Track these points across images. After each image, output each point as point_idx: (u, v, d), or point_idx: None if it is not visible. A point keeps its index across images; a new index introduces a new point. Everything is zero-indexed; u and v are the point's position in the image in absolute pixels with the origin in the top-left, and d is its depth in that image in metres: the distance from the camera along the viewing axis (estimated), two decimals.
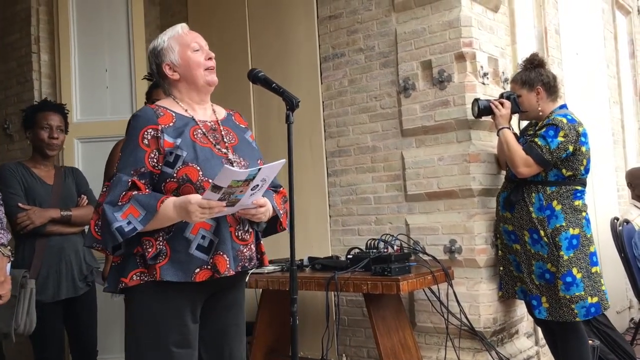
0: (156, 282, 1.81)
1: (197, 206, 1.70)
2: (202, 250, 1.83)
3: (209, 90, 2.03)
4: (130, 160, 1.83)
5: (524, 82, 3.10)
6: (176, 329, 1.85)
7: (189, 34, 2.01)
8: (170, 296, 1.84)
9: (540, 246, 2.95)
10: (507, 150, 3.02)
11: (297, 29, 4.01)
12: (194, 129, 1.91)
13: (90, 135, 4.03)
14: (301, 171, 3.78)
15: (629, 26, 6.28)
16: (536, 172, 2.94)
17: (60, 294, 2.96)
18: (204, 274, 1.83)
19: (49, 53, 4.29)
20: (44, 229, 2.93)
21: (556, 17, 4.55)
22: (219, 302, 2.00)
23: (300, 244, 2.10)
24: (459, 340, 3.19)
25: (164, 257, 1.81)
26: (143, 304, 1.85)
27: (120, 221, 1.73)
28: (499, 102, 3.10)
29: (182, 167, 1.82)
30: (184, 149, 1.83)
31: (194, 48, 1.97)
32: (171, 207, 1.74)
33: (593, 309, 2.90)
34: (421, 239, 3.40)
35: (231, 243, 1.88)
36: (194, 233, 1.83)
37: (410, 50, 3.49)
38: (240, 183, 1.69)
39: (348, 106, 3.78)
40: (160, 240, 1.82)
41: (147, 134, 1.84)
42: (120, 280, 1.85)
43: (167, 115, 1.90)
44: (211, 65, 1.99)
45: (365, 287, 2.85)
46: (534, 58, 3.14)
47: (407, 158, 3.50)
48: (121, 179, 1.81)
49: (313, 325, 3.65)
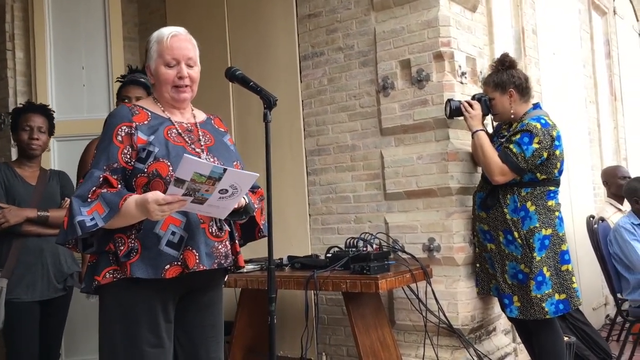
0: (127, 279, 1.81)
1: (155, 204, 1.70)
2: (172, 247, 1.83)
3: (179, 105, 2.00)
4: (104, 156, 1.85)
5: (496, 85, 3.09)
6: (147, 327, 1.84)
7: (172, 45, 1.94)
8: (141, 293, 1.83)
9: (514, 247, 2.98)
10: (482, 156, 3.03)
11: (276, 27, 4.00)
12: (169, 128, 1.93)
13: (67, 134, 3.98)
14: (280, 170, 3.77)
15: (604, 27, 6.37)
16: (512, 178, 2.96)
17: (35, 294, 2.93)
18: (174, 270, 1.83)
19: (24, 50, 4.22)
20: (20, 229, 2.89)
21: (533, 17, 4.60)
22: (194, 301, 1.99)
23: (279, 242, 2.10)
24: (437, 337, 3.21)
25: (135, 254, 1.82)
26: (114, 301, 1.86)
27: (84, 216, 1.74)
28: (468, 103, 3.11)
29: (153, 162, 1.83)
30: (156, 146, 1.85)
31: (169, 63, 1.94)
32: (133, 205, 1.75)
33: (561, 306, 2.94)
34: (400, 237, 3.42)
35: (204, 239, 1.88)
36: (163, 229, 1.83)
37: (389, 50, 3.50)
38: (204, 179, 1.67)
39: (327, 105, 3.78)
40: (132, 238, 1.83)
41: (121, 131, 1.86)
42: (94, 279, 1.85)
43: (142, 114, 1.92)
44: (180, 84, 1.95)
45: (345, 285, 2.86)
46: (505, 59, 3.11)
47: (386, 157, 3.51)
48: (93, 174, 1.82)
49: (292, 324, 3.65)
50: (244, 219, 2.02)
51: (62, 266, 3.03)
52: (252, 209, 2.00)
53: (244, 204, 1.96)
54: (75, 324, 3.71)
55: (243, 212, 1.98)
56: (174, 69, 1.95)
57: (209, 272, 1.91)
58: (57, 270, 3.01)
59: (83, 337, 3.90)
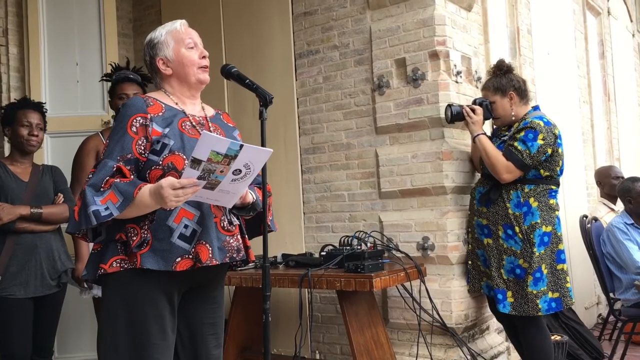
0: (135, 269, 1.80)
1: (170, 189, 1.69)
2: (185, 240, 1.83)
3: (200, 87, 2.03)
4: (118, 147, 1.83)
5: (496, 89, 3.13)
6: (153, 319, 1.83)
7: (187, 31, 2.01)
8: (147, 284, 1.82)
9: (514, 242, 3.00)
10: (486, 158, 3.05)
11: (272, 25, 3.99)
12: (183, 120, 1.92)
13: (60, 130, 3.95)
14: (275, 168, 3.77)
15: (599, 27, 6.39)
16: (518, 176, 2.99)
17: (28, 291, 2.92)
18: (185, 264, 1.82)
19: (18, 45, 4.18)
20: (14, 226, 2.88)
21: (528, 17, 4.61)
22: (198, 297, 1.98)
23: (274, 240, 2.10)
24: (431, 336, 3.21)
25: (147, 245, 1.80)
26: (120, 291, 1.84)
27: (98, 205, 1.73)
28: (470, 108, 3.14)
29: (169, 155, 1.83)
30: (171, 138, 1.84)
31: (188, 45, 1.98)
32: (147, 194, 1.74)
33: (554, 304, 2.97)
34: (394, 236, 3.42)
35: (216, 233, 1.88)
36: (177, 222, 1.82)
37: (384, 48, 3.50)
38: (221, 158, 1.67)
39: (322, 103, 3.78)
40: (145, 229, 1.82)
41: (136, 122, 1.85)
42: (99, 267, 1.84)
43: (156, 106, 1.91)
44: (204, 64, 2.00)
45: (339, 284, 2.86)
46: (502, 64, 3.17)
47: (381, 155, 3.51)
48: (107, 164, 1.81)
49: (286, 322, 3.65)
50: (251, 215, 2.01)
51: (55, 263, 3.02)
52: (259, 205, 1.99)
53: (252, 200, 1.95)
54: (68, 320, 3.70)
55: (250, 209, 1.97)
56: (196, 51, 1.98)
57: (216, 267, 1.90)
58: (51, 267, 3.00)
59: (76, 334, 3.89)
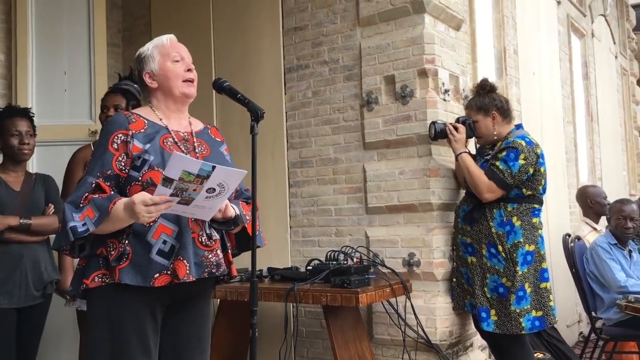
0: (116, 284, 1.80)
1: (142, 205, 1.70)
2: (163, 255, 1.83)
3: (186, 101, 2.04)
4: (98, 163, 1.86)
5: (479, 108, 3.17)
6: (135, 334, 1.82)
7: (173, 45, 2.03)
8: (129, 300, 1.82)
9: (497, 260, 3.02)
10: (469, 177, 3.08)
11: (262, 39, 4.01)
12: (165, 136, 1.93)
13: (47, 139, 3.89)
14: (263, 181, 3.76)
15: (583, 49, 6.51)
16: (500, 195, 3.02)
17: (12, 301, 2.87)
18: (163, 279, 1.82)
19: (5, 53, 4.16)
20: (2, 236, 2.84)
21: (515, 37, 4.68)
22: (183, 311, 1.98)
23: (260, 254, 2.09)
24: (415, 352, 3.22)
25: (126, 260, 1.81)
26: (102, 305, 1.84)
27: (76, 221, 1.75)
28: (453, 126, 3.17)
29: (148, 170, 1.84)
30: (151, 154, 1.86)
31: (174, 58, 1.99)
32: (121, 208, 1.75)
33: (537, 323, 2.99)
34: (381, 251, 3.43)
35: (194, 249, 1.88)
36: (155, 237, 1.83)
37: (374, 65, 3.53)
38: (193, 178, 1.68)
39: (311, 117, 3.80)
40: (124, 243, 1.82)
41: (117, 139, 1.87)
42: (82, 282, 1.84)
43: (139, 122, 1.93)
44: (190, 77, 2.01)
45: (325, 298, 2.86)
46: (485, 84, 3.20)
47: (368, 171, 3.53)
48: (87, 180, 1.84)
49: (271, 336, 3.62)
50: (232, 229, 2.01)
51: (41, 273, 2.97)
52: (241, 219, 1.99)
53: (234, 215, 1.95)
54: (51, 332, 3.64)
55: (232, 223, 1.97)
56: (181, 64, 2.00)
57: (199, 282, 1.90)
58: (37, 278, 2.95)
59: (59, 346, 3.82)
